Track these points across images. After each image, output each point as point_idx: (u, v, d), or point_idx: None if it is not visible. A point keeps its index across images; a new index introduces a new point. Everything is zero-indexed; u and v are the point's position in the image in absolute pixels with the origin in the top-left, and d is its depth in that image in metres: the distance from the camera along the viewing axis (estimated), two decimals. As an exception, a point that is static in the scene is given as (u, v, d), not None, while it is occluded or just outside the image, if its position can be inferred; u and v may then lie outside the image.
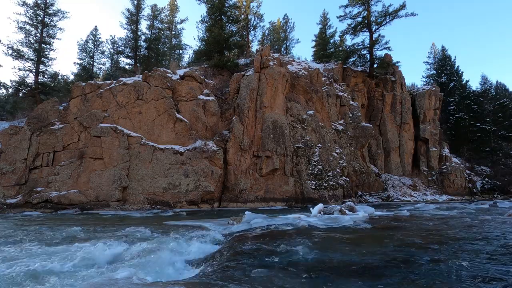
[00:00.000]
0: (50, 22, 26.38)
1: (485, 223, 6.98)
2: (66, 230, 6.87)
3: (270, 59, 21.17)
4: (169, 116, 17.75)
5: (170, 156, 16.78)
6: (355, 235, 5.72)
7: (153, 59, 32.49)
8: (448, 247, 4.39)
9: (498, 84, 45.76)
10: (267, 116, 19.64)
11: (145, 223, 8.82)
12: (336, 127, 24.37)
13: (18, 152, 16.42)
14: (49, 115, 17.94)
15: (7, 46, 24.03)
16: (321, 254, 3.97)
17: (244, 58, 27.93)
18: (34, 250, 4.65)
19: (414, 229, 6.44)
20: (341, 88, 27.69)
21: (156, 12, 33.57)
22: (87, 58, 32.93)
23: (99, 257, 4.08)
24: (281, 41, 41.72)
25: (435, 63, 40.94)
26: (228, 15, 28.55)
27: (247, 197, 17.73)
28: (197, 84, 19.79)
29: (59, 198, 15.14)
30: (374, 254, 3.92)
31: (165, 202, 15.96)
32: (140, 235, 6.03)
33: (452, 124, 35.75)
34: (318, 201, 17.37)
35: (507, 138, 34.93)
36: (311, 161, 20.03)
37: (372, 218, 8.45)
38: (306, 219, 7.93)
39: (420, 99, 30.80)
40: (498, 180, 29.89)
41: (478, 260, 3.49)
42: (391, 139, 28.67)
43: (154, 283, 3.01)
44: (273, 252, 4.14)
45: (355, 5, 31.37)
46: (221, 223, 8.24)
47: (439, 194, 27.01)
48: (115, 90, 18.09)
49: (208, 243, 5.35)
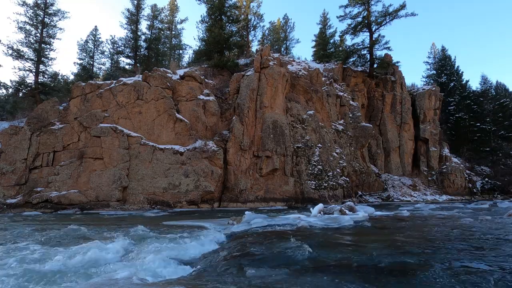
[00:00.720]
0: (50, 22, 26.40)
1: (485, 223, 6.98)
2: (65, 230, 6.87)
3: (270, 59, 21.17)
4: (169, 116, 17.75)
5: (170, 156, 16.78)
6: (355, 235, 5.72)
7: (153, 59, 32.49)
8: (448, 247, 4.38)
9: (498, 84, 45.78)
10: (267, 116, 19.65)
11: (145, 223, 8.82)
12: (336, 127, 24.37)
13: (18, 152, 16.42)
14: (49, 115, 17.95)
15: (7, 46, 24.07)
16: (321, 254, 3.96)
17: (244, 58, 27.93)
18: (33, 250, 4.65)
19: (414, 229, 6.45)
20: (341, 88, 27.69)
21: (156, 12, 33.57)
22: (87, 58, 32.93)
23: (99, 257, 4.08)
24: (281, 41, 41.72)
25: (435, 63, 40.93)
26: (228, 15, 28.56)
27: (247, 197, 17.73)
28: (197, 84, 19.79)
29: (59, 198, 15.15)
30: (374, 255, 3.92)
31: (165, 202, 15.97)
32: (140, 235, 6.03)
33: (452, 124, 35.75)
34: (318, 201, 17.37)
35: (507, 138, 34.93)
36: (311, 161, 20.03)
37: (372, 218, 8.46)
38: (306, 219, 7.92)
39: (420, 99, 30.80)
40: (498, 180, 29.89)
41: (478, 260, 3.49)
42: (391, 139, 28.67)
43: (154, 283, 3.01)
44: (273, 252, 4.14)
45: (355, 5, 31.38)
46: (221, 223, 8.24)
47: (439, 194, 27.02)
48: (115, 90, 18.10)
49: (208, 243, 5.35)
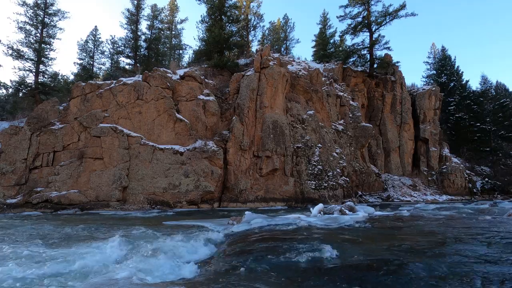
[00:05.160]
0: (50, 22, 26.37)
1: (485, 223, 6.97)
2: (65, 230, 6.87)
3: (270, 59, 21.16)
4: (169, 116, 17.75)
5: (170, 156, 16.78)
6: (354, 236, 5.72)
7: (153, 59, 32.43)
8: (447, 247, 4.38)
9: (498, 84, 45.79)
10: (267, 116, 19.64)
11: (145, 223, 8.83)
12: (336, 127, 24.36)
13: (18, 152, 16.42)
14: (49, 115, 17.94)
15: (7, 46, 24.01)
16: (321, 254, 3.96)
17: (244, 58, 27.91)
18: (33, 250, 4.65)
19: (414, 230, 6.44)
20: (341, 88, 27.68)
21: (156, 12, 33.53)
22: (87, 58, 32.85)
23: (99, 257, 4.08)
24: (281, 41, 41.69)
25: (435, 63, 40.90)
26: (228, 15, 28.53)
27: (247, 197, 17.73)
28: (197, 84, 19.79)
29: (59, 198, 15.15)
30: (374, 255, 3.92)
31: (165, 202, 15.97)
32: (140, 235, 6.03)
33: (452, 124, 35.73)
34: (318, 201, 17.37)
35: (507, 138, 34.92)
36: (311, 161, 20.03)
37: (372, 218, 8.45)
38: (306, 219, 7.91)
39: (420, 99, 30.79)
40: (498, 180, 29.89)
41: (478, 261, 3.48)
42: (391, 139, 28.67)
43: (154, 283, 3.02)
44: (273, 252, 4.14)
45: (355, 5, 31.36)
46: (221, 223, 8.24)
47: (439, 194, 27.01)
48: (115, 90, 18.10)
49: (208, 243, 5.35)
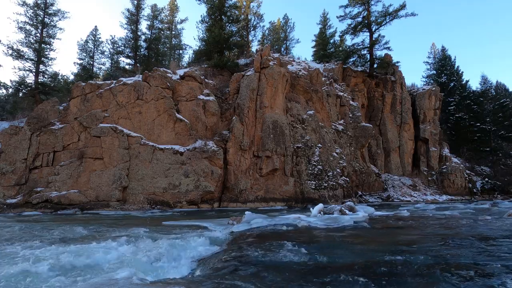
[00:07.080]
0: (50, 22, 26.38)
1: (485, 223, 6.97)
2: (65, 230, 6.87)
3: (270, 59, 21.16)
4: (169, 116, 17.75)
5: (170, 156, 16.78)
6: (355, 236, 5.72)
7: (153, 59, 32.44)
8: (448, 248, 4.38)
9: (498, 84, 45.79)
10: (267, 116, 19.64)
11: (145, 223, 8.83)
12: (336, 127, 24.36)
13: (18, 152, 16.42)
14: (49, 115, 17.95)
15: (7, 46, 24.04)
16: (321, 254, 3.96)
17: (244, 58, 27.91)
18: (33, 250, 4.64)
19: (414, 230, 6.44)
20: (341, 88, 27.68)
21: (156, 12, 33.54)
22: (87, 58, 32.86)
23: (98, 257, 4.08)
24: (281, 41, 41.69)
25: (435, 63, 40.90)
26: (228, 15, 28.53)
27: (247, 197, 17.73)
28: (197, 84, 19.79)
29: (59, 198, 15.15)
30: (374, 255, 3.92)
31: (165, 202, 15.97)
32: (140, 235, 6.03)
33: (452, 124, 35.73)
34: (318, 201, 17.37)
35: (507, 138, 34.92)
36: (311, 161, 20.02)
37: (372, 218, 8.45)
38: (306, 219, 7.91)
39: (420, 99, 30.79)
40: (498, 180, 29.89)
41: (478, 260, 3.48)
42: (391, 139, 28.67)
43: (154, 283, 3.01)
44: (272, 252, 4.14)
45: (355, 5, 31.36)
46: (221, 223, 8.24)
47: (439, 194, 27.01)
48: (115, 90, 18.10)
49: (208, 243, 5.35)
